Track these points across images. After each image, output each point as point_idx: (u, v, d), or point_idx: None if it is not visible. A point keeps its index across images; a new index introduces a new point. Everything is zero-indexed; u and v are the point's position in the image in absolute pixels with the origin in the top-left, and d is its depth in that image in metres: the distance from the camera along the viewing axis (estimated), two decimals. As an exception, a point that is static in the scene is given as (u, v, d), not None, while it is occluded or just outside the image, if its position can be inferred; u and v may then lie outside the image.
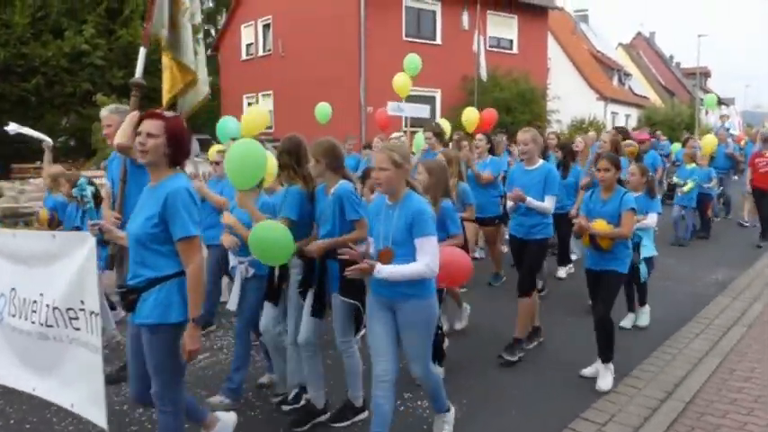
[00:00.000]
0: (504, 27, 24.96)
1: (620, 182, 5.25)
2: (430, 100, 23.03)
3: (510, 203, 5.29)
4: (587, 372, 4.80)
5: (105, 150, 16.34)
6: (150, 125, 3.06)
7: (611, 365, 4.69)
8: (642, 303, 6.17)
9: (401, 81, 11.15)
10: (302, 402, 4.20)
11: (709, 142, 11.89)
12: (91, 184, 4.27)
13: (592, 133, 13.52)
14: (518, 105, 21.89)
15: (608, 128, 31.19)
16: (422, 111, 11.63)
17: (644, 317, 6.13)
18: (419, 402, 4.35)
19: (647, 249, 5.97)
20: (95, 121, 18.87)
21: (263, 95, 26.09)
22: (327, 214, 3.87)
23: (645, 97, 43.83)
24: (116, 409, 4.19)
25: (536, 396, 4.45)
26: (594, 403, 4.33)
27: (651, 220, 6.01)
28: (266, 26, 25.88)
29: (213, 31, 33.67)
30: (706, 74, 58.43)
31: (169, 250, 3.05)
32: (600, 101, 34.29)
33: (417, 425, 4.08)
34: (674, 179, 10.41)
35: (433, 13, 22.79)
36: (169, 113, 3.41)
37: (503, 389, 4.59)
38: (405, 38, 21.87)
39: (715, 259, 9.07)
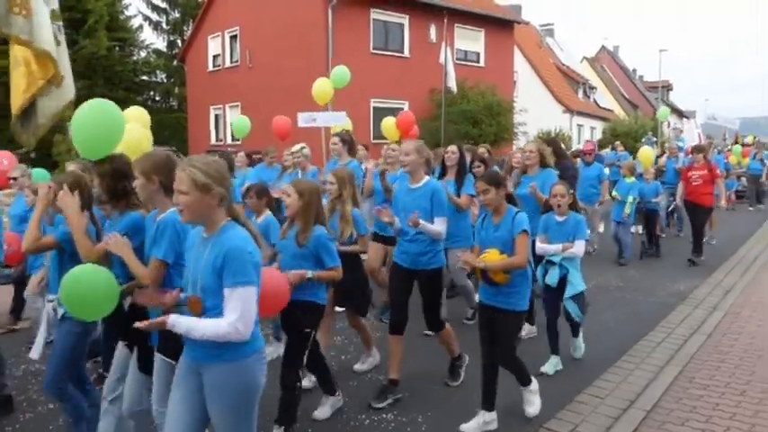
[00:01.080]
0: (471, 40, 25.24)
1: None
2: (398, 112, 23.14)
3: (396, 225, 4.54)
4: (471, 425, 4.17)
5: (67, 163, 16.00)
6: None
7: (532, 385, 4.33)
8: (575, 334, 5.51)
9: (322, 88, 10.31)
10: None
11: (645, 156, 11.44)
12: None
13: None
14: (485, 118, 22.10)
15: (575, 140, 31.75)
16: (338, 118, 10.15)
17: (578, 350, 5.54)
18: (384, 416, 4.31)
19: (574, 285, 5.08)
20: (57, 133, 18.51)
21: (231, 107, 25.91)
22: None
23: (609, 110, 44.65)
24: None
25: (500, 407, 4.43)
26: (558, 413, 4.34)
27: (578, 248, 5.10)
28: (233, 37, 25.74)
29: (179, 42, 33.35)
30: (668, 87, 59.84)
31: None
32: (566, 113, 34.84)
33: (381, 439, 4.04)
34: (614, 193, 9.95)
35: (401, 25, 22.94)
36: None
37: (466, 402, 4.57)
38: (372, 50, 21.97)
39: (677, 269, 9.23)
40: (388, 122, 10.10)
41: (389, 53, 22.50)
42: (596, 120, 39.67)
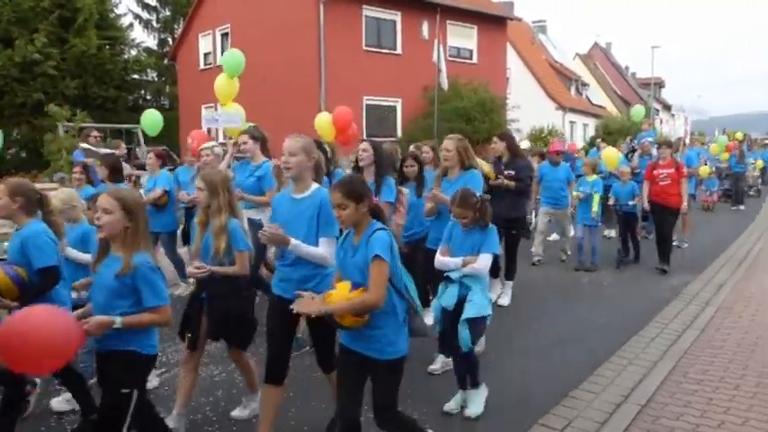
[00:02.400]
0: (463, 37, 25.22)
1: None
2: (391, 110, 23.15)
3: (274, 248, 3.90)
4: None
5: (58, 162, 15.91)
6: None
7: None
8: (474, 384, 4.31)
9: (225, 85, 8.77)
10: None
11: (610, 156, 10.52)
12: None
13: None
14: (478, 115, 22.09)
15: (568, 137, 31.81)
16: (235, 119, 8.71)
17: (475, 405, 4.26)
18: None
19: (476, 306, 4.11)
20: (47, 132, 18.39)
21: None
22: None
23: (602, 107, 44.76)
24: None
25: (494, 403, 4.42)
26: (553, 409, 4.33)
27: (483, 262, 4.18)
28: (224, 35, 25.63)
29: (170, 40, 33.19)
30: (660, 84, 60.09)
31: None
32: (558, 110, 34.87)
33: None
34: (575, 193, 9.08)
35: (393, 22, 22.89)
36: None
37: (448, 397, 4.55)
38: (365, 47, 21.91)
39: (670, 265, 9.25)
40: (323, 119, 8.96)
41: (382, 50, 22.44)
42: (589, 116, 39.74)
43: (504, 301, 7.04)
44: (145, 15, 33.91)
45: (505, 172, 6.91)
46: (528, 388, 4.72)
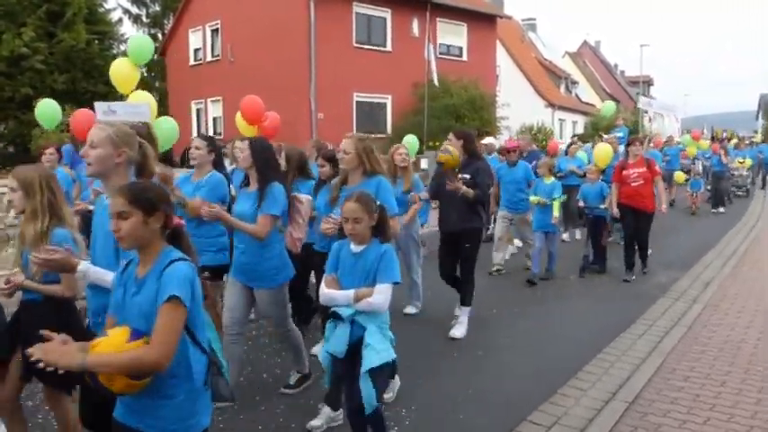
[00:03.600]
0: (453, 34, 25.25)
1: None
2: (381, 106, 23.16)
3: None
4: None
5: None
6: None
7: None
8: None
9: (125, 71, 7.77)
10: None
11: (602, 153, 9.62)
12: None
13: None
14: (468, 112, 22.15)
15: (557, 135, 31.92)
16: (141, 113, 7.27)
17: None
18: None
19: (376, 351, 3.26)
20: (36, 127, 18.23)
21: (213, 101, 25.72)
22: None
23: (591, 104, 44.96)
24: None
25: (482, 400, 4.45)
26: (541, 406, 4.36)
27: (380, 295, 3.27)
28: (215, 31, 25.52)
29: (160, 36, 33.00)
30: (649, 82, 60.39)
31: None
32: (548, 108, 35.02)
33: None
34: (532, 197, 8.15)
35: (384, 20, 22.88)
36: None
37: (448, 394, 4.58)
38: (355, 44, 21.90)
39: (658, 263, 9.31)
40: (238, 116, 8.37)
41: (372, 47, 22.43)
42: (578, 114, 39.91)
43: (458, 332, 5.80)
44: (134, 10, 33.68)
45: (460, 176, 5.67)
46: (516, 385, 4.75)
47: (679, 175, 15.26)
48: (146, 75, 33.80)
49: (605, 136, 12.14)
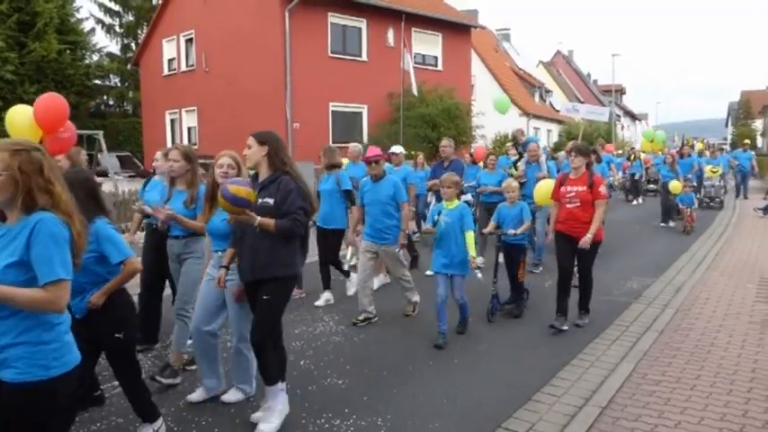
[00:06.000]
0: (428, 44, 25.44)
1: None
2: (357, 116, 23.22)
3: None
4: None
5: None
6: None
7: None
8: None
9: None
10: None
11: (544, 192, 7.66)
12: None
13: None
14: (443, 121, 22.31)
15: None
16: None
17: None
18: (343, 422, 4.30)
19: None
20: (5, 137, 17.95)
21: (187, 111, 25.56)
22: None
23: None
24: None
25: (457, 408, 4.47)
26: (515, 413, 4.39)
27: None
28: (189, 40, 25.39)
29: (133, 45, 32.74)
30: (621, 91, 61.42)
31: None
32: (522, 117, 35.36)
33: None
34: (425, 225, 6.66)
35: (359, 30, 22.98)
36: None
37: (423, 402, 4.59)
38: (330, 54, 21.94)
39: (630, 269, 9.43)
40: (19, 114, 6.86)
41: (347, 57, 22.51)
42: (552, 123, 40.40)
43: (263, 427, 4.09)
44: (107, 20, 33.42)
45: (260, 200, 3.98)
46: (490, 392, 4.77)
47: (675, 186, 13.97)
48: (119, 85, 33.53)
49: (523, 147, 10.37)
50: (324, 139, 20.59)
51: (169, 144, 26.34)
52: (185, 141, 25.70)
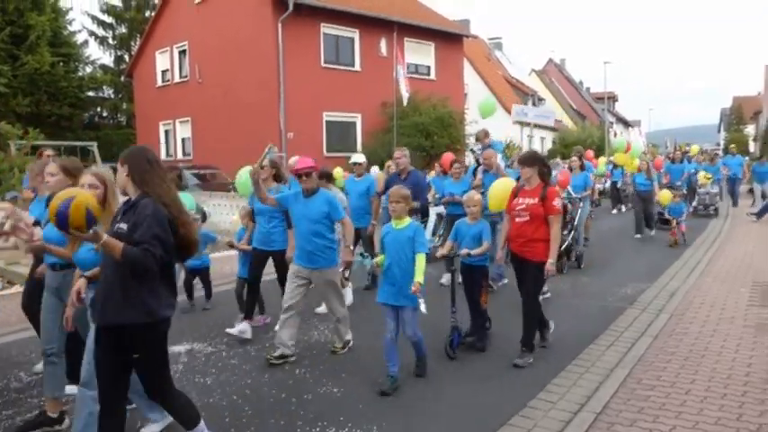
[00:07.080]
0: (421, 54, 25.57)
1: None
2: (351, 125, 23.27)
3: None
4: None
5: (10, 181, 15.51)
6: None
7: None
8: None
9: None
10: None
11: (499, 194, 6.66)
12: None
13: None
14: (437, 130, 22.39)
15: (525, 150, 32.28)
16: None
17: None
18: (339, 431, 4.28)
19: None
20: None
21: (181, 122, 25.59)
22: None
23: (558, 120, 45.72)
24: None
25: (452, 414, 4.46)
26: (510, 419, 4.38)
27: None
28: (182, 52, 25.47)
29: (127, 57, 32.78)
30: (613, 98, 61.72)
31: None
32: (516, 124, 35.45)
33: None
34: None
35: (352, 40, 23.08)
36: None
37: (420, 408, 4.58)
38: (323, 64, 22.04)
39: (625, 274, 9.45)
40: None
41: (341, 67, 22.60)
42: (546, 130, 40.48)
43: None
44: (101, 32, 33.51)
45: (117, 226, 3.70)
46: (485, 398, 4.77)
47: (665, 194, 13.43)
48: (113, 97, 33.54)
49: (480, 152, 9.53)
50: (318, 148, 20.67)
51: (163, 156, 26.40)
52: (179, 153, 25.73)
